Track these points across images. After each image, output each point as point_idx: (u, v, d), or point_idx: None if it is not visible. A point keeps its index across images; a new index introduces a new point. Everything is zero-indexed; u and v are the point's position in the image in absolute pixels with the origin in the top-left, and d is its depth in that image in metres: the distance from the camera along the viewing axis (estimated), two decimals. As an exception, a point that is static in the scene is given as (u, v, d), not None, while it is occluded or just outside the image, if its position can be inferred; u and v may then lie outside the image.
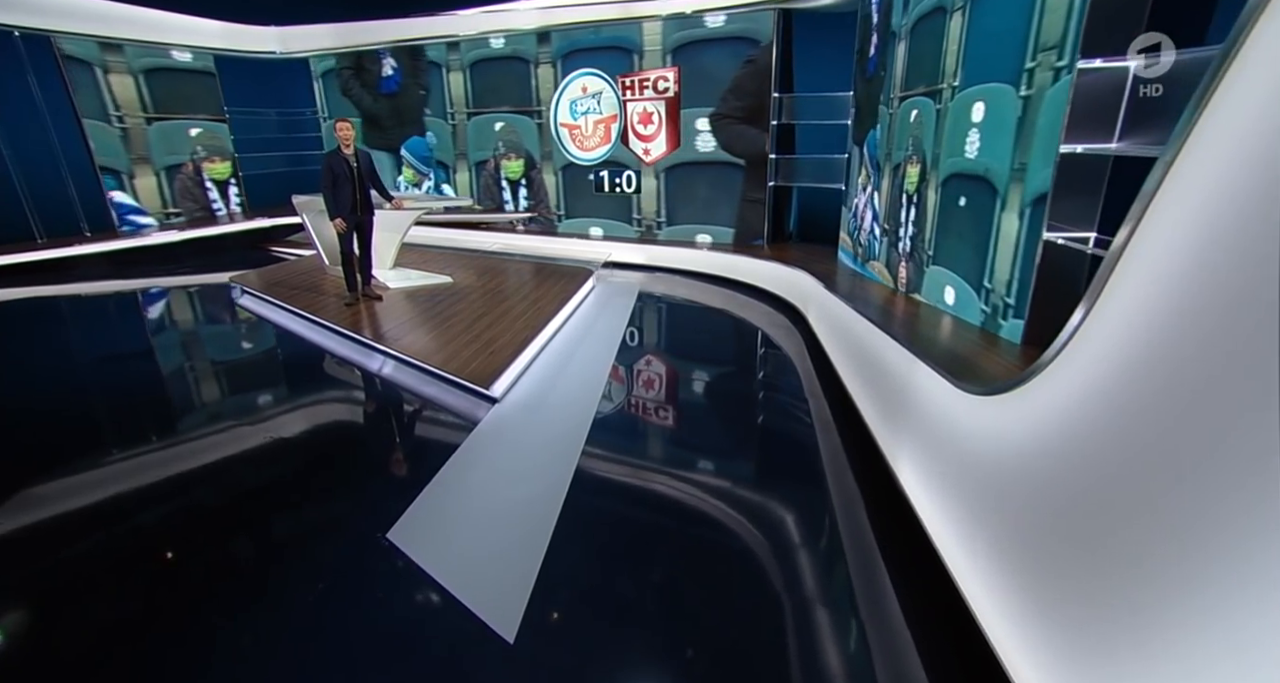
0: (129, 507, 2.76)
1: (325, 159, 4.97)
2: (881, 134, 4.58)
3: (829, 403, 3.83)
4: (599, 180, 7.85)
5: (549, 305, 5.29)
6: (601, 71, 7.37)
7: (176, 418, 3.83)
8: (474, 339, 4.42)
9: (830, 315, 4.38)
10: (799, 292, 5.54)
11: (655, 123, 7.23)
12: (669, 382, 4.44)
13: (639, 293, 6.53)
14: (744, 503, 2.78)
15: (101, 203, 8.28)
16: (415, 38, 8.20)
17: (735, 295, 6.50)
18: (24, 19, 7.13)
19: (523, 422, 3.52)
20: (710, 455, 3.31)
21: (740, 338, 5.47)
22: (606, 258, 7.43)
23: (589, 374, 4.21)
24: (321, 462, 3.20)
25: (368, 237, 5.40)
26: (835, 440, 3.38)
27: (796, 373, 4.41)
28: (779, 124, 6.80)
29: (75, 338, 5.54)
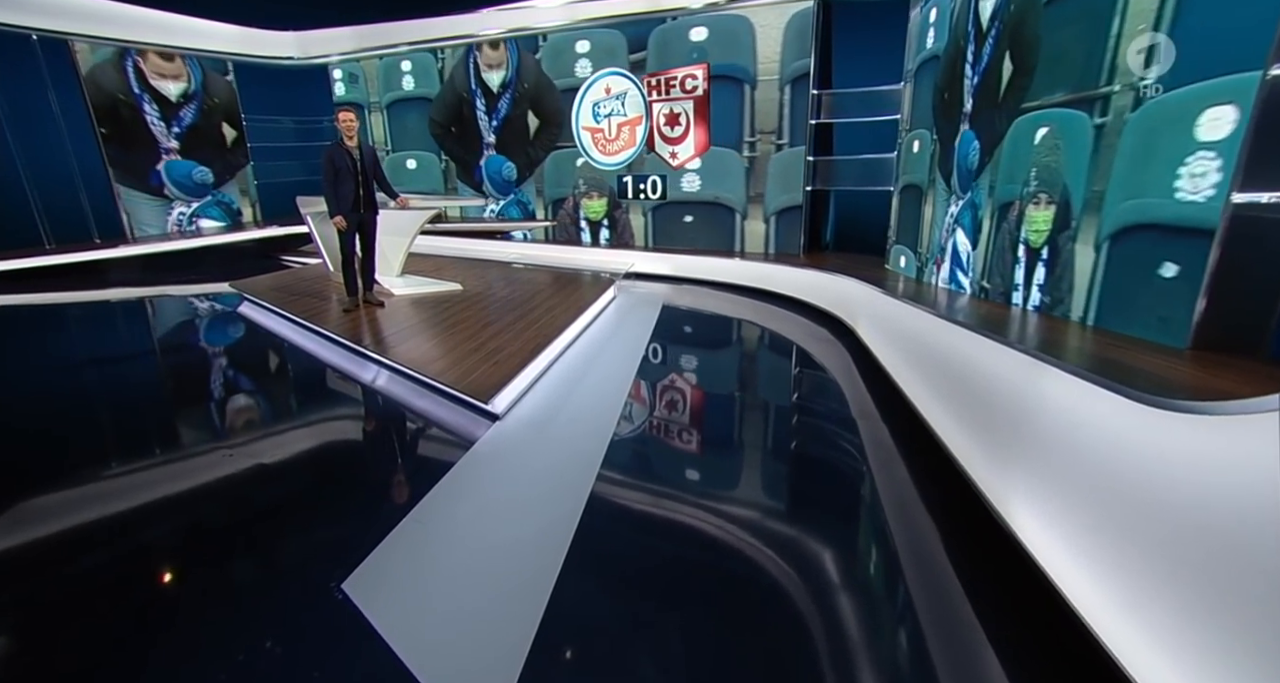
0: (44, 549, 2.28)
1: (326, 152, 4.61)
2: (972, 156, 3.64)
3: (888, 425, 3.25)
4: (621, 186, 7.42)
5: (564, 315, 4.81)
6: (627, 71, 7.00)
7: (132, 441, 3.35)
8: (477, 348, 3.94)
9: (891, 325, 3.82)
10: (844, 301, 4.97)
11: (683, 124, 6.81)
12: (697, 402, 3.89)
13: (663, 305, 6.03)
14: (798, 552, 2.20)
15: (113, 209, 8.12)
16: (437, 38, 7.96)
17: (769, 307, 5.95)
18: (42, 21, 7.06)
19: (527, 443, 3.00)
20: (750, 491, 2.74)
21: (776, 353, 4.90)
22: (629, 268, 6.96)
23: (606, 392, 3.69)
24: (282, 488, 2.71)
25: (371, 237, 5.01)
26: (898, 468, 2.80)
27: (841, 391, 3.84)
28: (817, 123, 6.32)
29: (59, 345, 5.21)
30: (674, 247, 7.31)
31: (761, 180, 6.67)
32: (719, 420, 3.65)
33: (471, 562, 2.06)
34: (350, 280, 5.11)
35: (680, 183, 7.11)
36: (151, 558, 2.18)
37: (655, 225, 7.47)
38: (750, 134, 6.61)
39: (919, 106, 4.67)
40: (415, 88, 8.60)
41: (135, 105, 8.07)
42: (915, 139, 4.69)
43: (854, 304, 4.71)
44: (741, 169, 6.75)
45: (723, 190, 6.93)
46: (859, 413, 3.48)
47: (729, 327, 5.60)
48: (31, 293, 6.69)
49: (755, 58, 6.35)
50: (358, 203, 4.75)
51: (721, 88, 6.62)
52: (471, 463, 2.80)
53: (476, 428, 3.18)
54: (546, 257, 7.81)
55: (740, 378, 4.45)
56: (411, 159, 8.98)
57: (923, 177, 4.48)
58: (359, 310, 5.07)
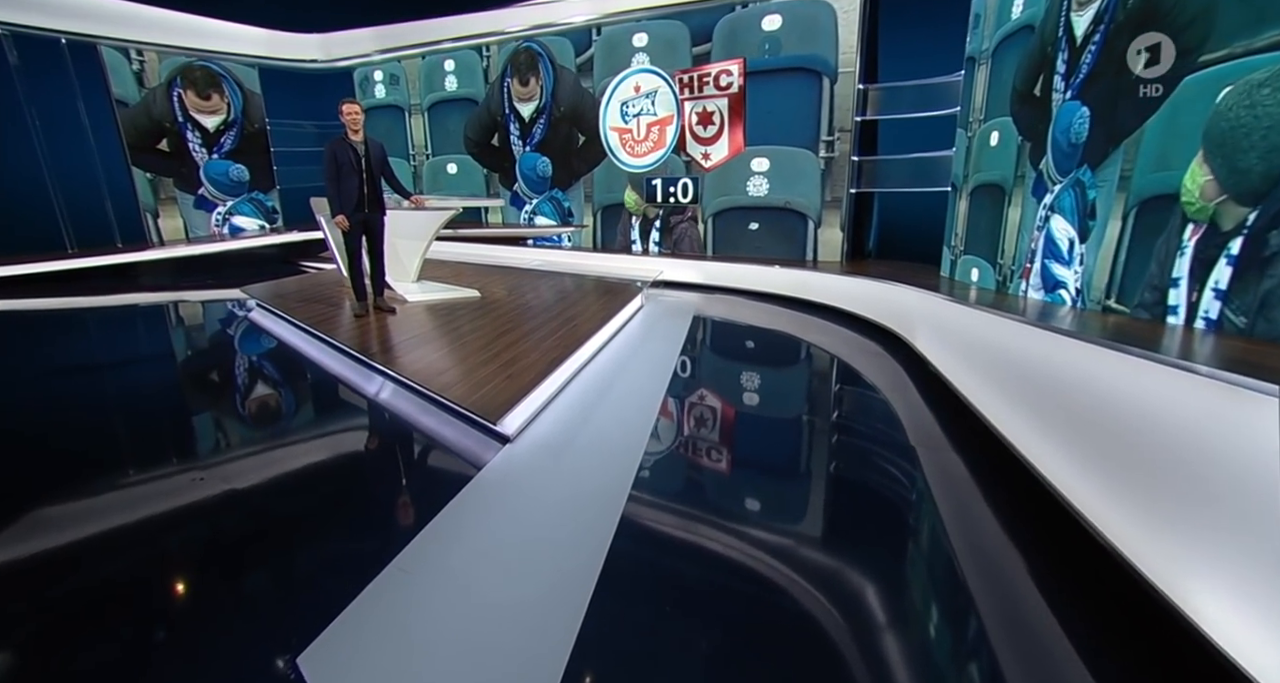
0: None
1: (328, 146, 4.33)
2: (1076, 129, 3.03)
3: (962, 454, 2.77)
4: (650, 190, 7.06)
5: (587, 325, 4.43)
6: (658, 68, 6.66)
7: (93, 458, 3.03)
8: (490, 359, 3.57)
9: (965, 340, 3.33)
10: (898, 312, 4.49)
11: (716, 123, 6.43)
12: (735, 425, 3.45)
13: (694, 315, 5.61)
14: (875, 608, 1.74)
15: (136, 214, 8.06)
16: (459, 37, 7.75)
17: (809, 318, 5.49)
18: (70, 24, 7.04)
19: (540, 472, 2.61)
20: (812, 537, 2.29)
21: (821, 369, 4.43)
22: (657, 276, 6.57)
23: (632, 412, 3.27)
24: (248, 523, 2.35)
25: (378, 239, 4.71)
26: (977, 505, 2.34)
27: (894, 413, 3.37)
28: (862, 120, 5.87)
29: (57, 352, 5.01)
30: (738, 256, 6.83)
31: (839, 183, 6.14)
32: (764, 448, 3.20)
33: (464, 627, 1.66)
34: (358, 285, 4.82)
35: (746, 187, 6.59)
36: (80, 607, 1.82)
37: (717, 233, 6.95)
38: (828, 132, 6.08)
39: (998, 92, 4.11)
40: (459, 88, 8.36)
41: (180, 133, 8.23)
42: (994, 130, 4.12)
43: (911, 315, 4.23)
44: (816, 171, 6.18)
45: (794, 195, 6.39)
46: (921, 439, 3.01)
47: (767, 340, 5.15)
48: (45, 297, 6.58)
49: (837, 47, 5.80)
50: (362, 202, 4.46)
51: (796, 80, 6.06)
52: (474, 495, 2.41)
53: (484, 451, 2.80)
54: (571, 263, 7.47)
55: (784, 398, 3.99)
56: (453, 163, 8.76)
57: (1005, 173, 3.91)
58: (369, 317, 4.77)
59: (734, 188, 6.69)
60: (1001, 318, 2.94)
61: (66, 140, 7.32)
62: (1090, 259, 2.99)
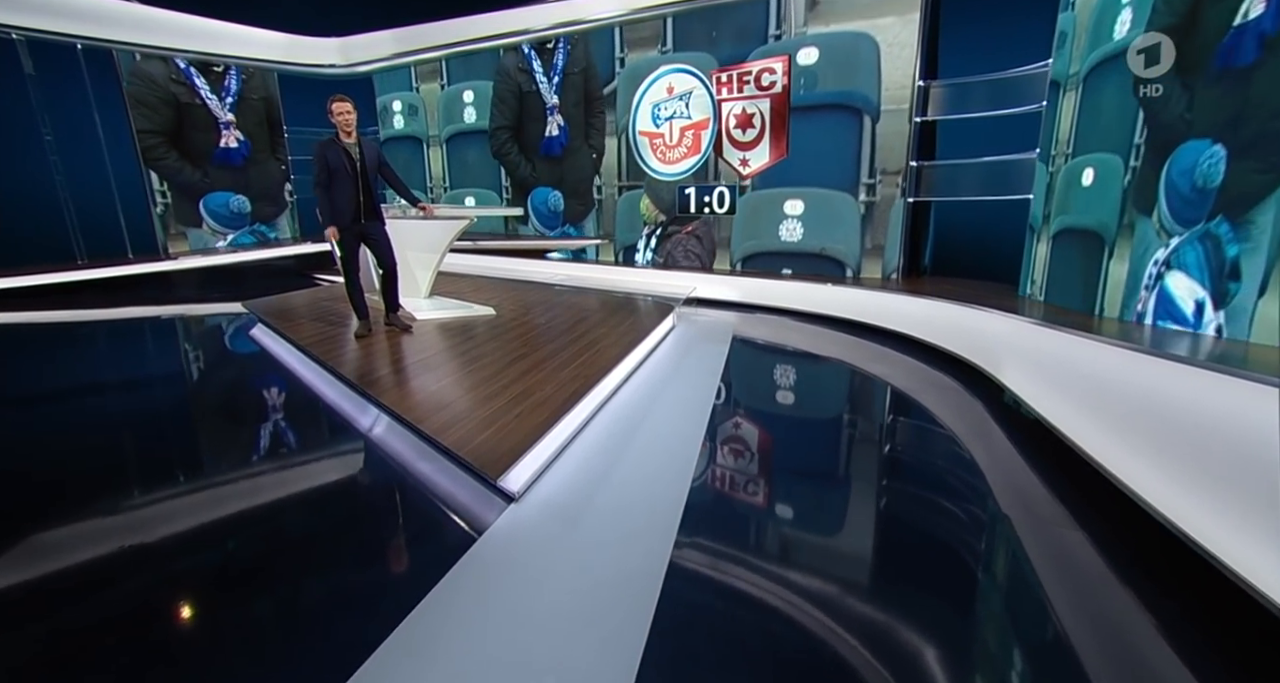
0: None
1: (316, 149, 3.95)
2: (1206, 171, 2.62)
3: (1085, 528, 2.18)
4: (683, 199, 6.58)
5: (611, 350, 3.94)
6: (694, 68, 6.22)
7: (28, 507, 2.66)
8: (499, 391, 3.10)
9: (1083, 376, 2.73)
10: (977, 339, 3.89)
11: (757, 126, 5.94)
12: (790, 482, 2.89)
13: (732, 337, 5.08)
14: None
15: (149, 225, 7.90)
16: (482, 38, 7.42)
17: (864, 343, 4.91)
18: (86, 29, 6.92)
19: (552, 543, 2.10)
20: (895, 628, 1.73)
21: (884, 407, 3.85)
22: (689, 293, 6.06)
23: (665, 460, 2.75)
24: (176, 609, 1.89)
25: (386, 251, 4.31)
26: (1114, 601, 1.75)
27: (978, 465, 2.80)
28: (922, 121, 5.32)
29: (44, 369, 4.71)
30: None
31: (881, 230, 5.64)
32: (827, 516, 2.64)
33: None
34: (358, 303, 4.42)
35: (779, 231, 6.10)
36: None
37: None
38: (870, 175, 5.60)
39: (1092, 122, 3.51)
40: (477, 120, 8.11)
41: (189, 85, 8.05)
42: (1087, 168, 3.52)
43: (995, 345, 3.63)
44: (856, 216, 5.70)
45: (831, 241, 5.89)
46: (1019, 503, 2.44)
47: (820, 369, 4.58)
48: (47, 310, 6.38)
49: (879, 83, 5.36)
50: (358, 210, 4.06)
51: (834, 118, 5.63)
52: (467, 573, 1.91)
53: (486, 510, 2.31)
54: (596, 278, 7.02)
55: (846, 447, 3.42)
56: (470, 197, 8.49)
57: (1104, 219, 3.30)
58: (372, 337, 4.36)
59: (764, 231, 6.22)
60: (1151, 357, 2.34)
61: (80, 148, 7.19)
62: (1239, 329, 2.49)
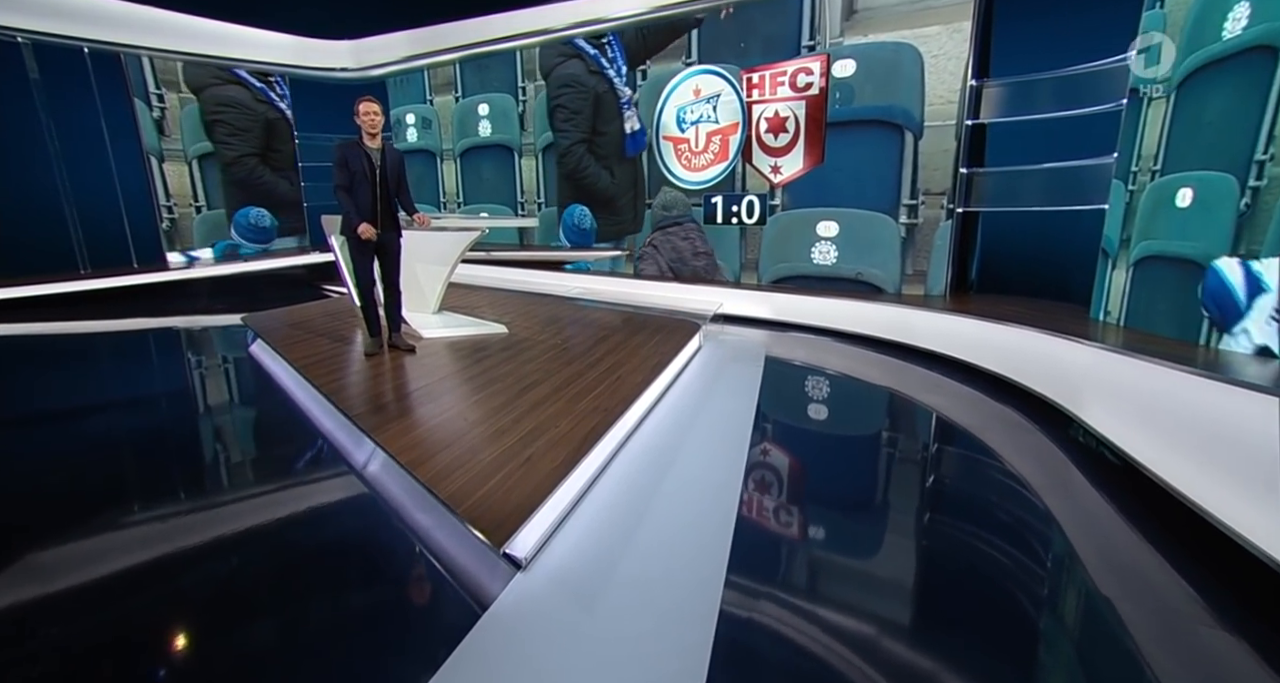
0: None
1: (338, 151, 3.69)
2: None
3: (1223, 612, 1.78)
4: (709, 209, 6.24)
5: (633, 376, 3.60)
6: (723, 70, 5.90)
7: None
8: (509, 427, 2.77)
9: (1200, 417, 2.33)
10: (1051, 370, 3.47)
11: (791, 130, 5.59)
12: (849, 543, 2.52)
13: (765, 358, 4.71)
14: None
15: (154, 234, 7.77)
16: (499, 38, 7.17)
17: (913, 369, 4.51)
18: (93, 32, 6.81)
19: (567, 627, 1.75)
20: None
21: (946, 448, 3.45)
22: (716, 309, 5.71)
23: (697, 514, 2.40)
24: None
25: (393, 265, 4.03)
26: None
27: (1059, 522, 2.41)
28: (974, 124, 4.93)
29: (26, 387, 4.49)
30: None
31: (924, 255, 5.30)
32: (901, 580, 2.26)
33: None
34: (371, 317, 4.15)
35: (811, 254, 5.77)
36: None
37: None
38: (911, 195, 5.26)
39: (1187, 135, 3.13)
40: (492, 133, 7.89)
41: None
42: (1183, 187, 3.12)
43: (1075, 378, 3.22)
44: (895, 239, 5.37)
45: (868, 265, 5.57)
46: (1102, 568, 2.05)
47: (868, 399, 4.19)
48: (45, 321, 6.21)
49: (923, 97, 5.04)
50: (374, 219, 3.79)
51: (871, 135, 5.31)
52: (466, 663, 1.58)
53: (489, 578, 1.98)
54: (615, 292, 6.70)
55: (912, 493, 3.03)
56: (485, 211, 8.22)
57: (1206, 249, 2.89)
58: (383, 355, 4.08)
59: (796, 254, 5.89)
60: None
61: (85, 155, 7.07)
62: None
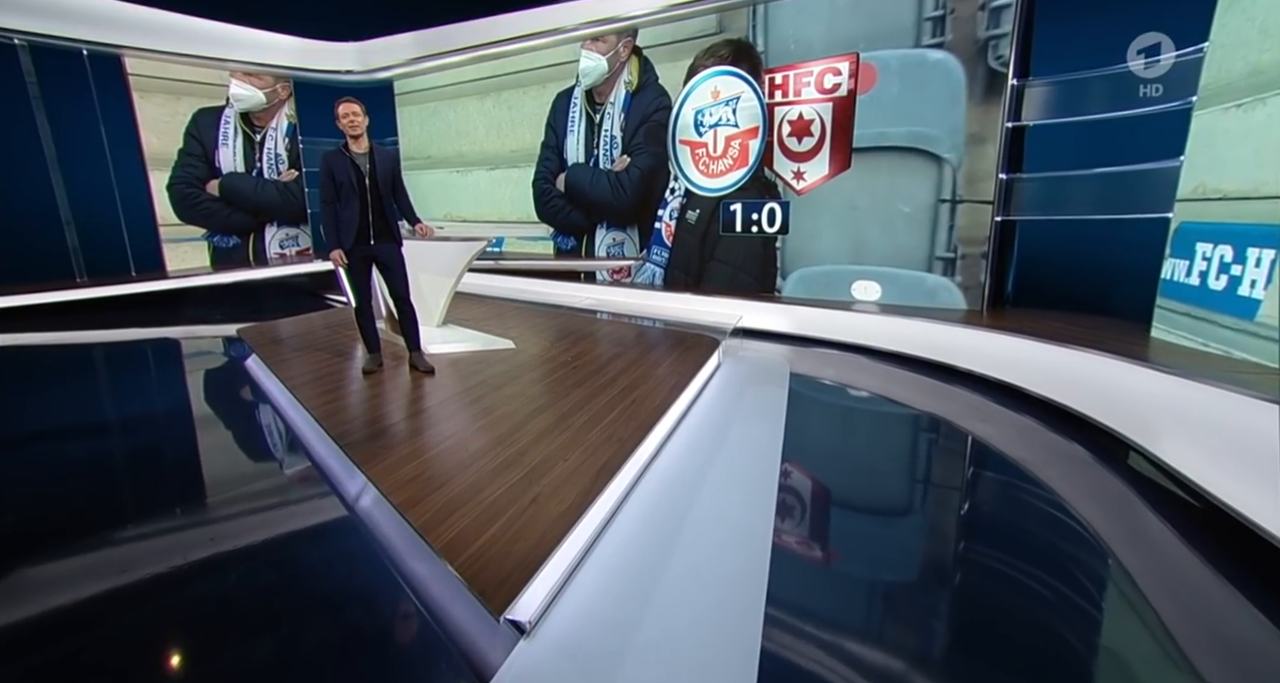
0: None
1: (323, 160, 3.48)
2: None
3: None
4: (728, 217, 6.00)
5: (650, 399, 3.35)
6: (742, 71, 5.68)
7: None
8: (513, 460, 2.53)
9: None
10: (1115, 397, 3.17)
11: (816, 134, 5.35)
12: (900, 602, 2.25)
13: (789, 379, 4.45)
14: None
15: (154, 241, 7.65)
16: (509, 38, 6.99)
17: (954, 391, 4.22)
18: (92, 33, 6.71)
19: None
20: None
21: (994, 481, 3.17)
22: (735, 323, 5.46)
23: (726, 567, 2.14)
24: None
25: (399, 278, 3.82)
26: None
27: (1131, 575, 2.13)
28: (1014, 126, 4.66)
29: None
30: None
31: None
32: (962, 649, 1.99)
33: None
34: (368, 334, 3.94)
35: (849, 289, 5.51)
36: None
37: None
38: (947, 247, 4.96)
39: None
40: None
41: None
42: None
43: (1146, 408, 2.92)
44: (926, 293, 5.12)
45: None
46: (1232, 648, 1.77)
47: (908, 427, 3.91)
48: (37, 332, 6.08)
49: (962, 121, 4.72)
50: (366, 230, 3.58)
51: (902, 161, 5.01)
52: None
53: (489, 645, 1.75)
54: (628, 304, 6.47)
55: (967, 539, 2.75)
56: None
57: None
58: (380, 373, 3.87)
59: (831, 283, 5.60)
60: None
61: (83, 159, 6.97)
62: None
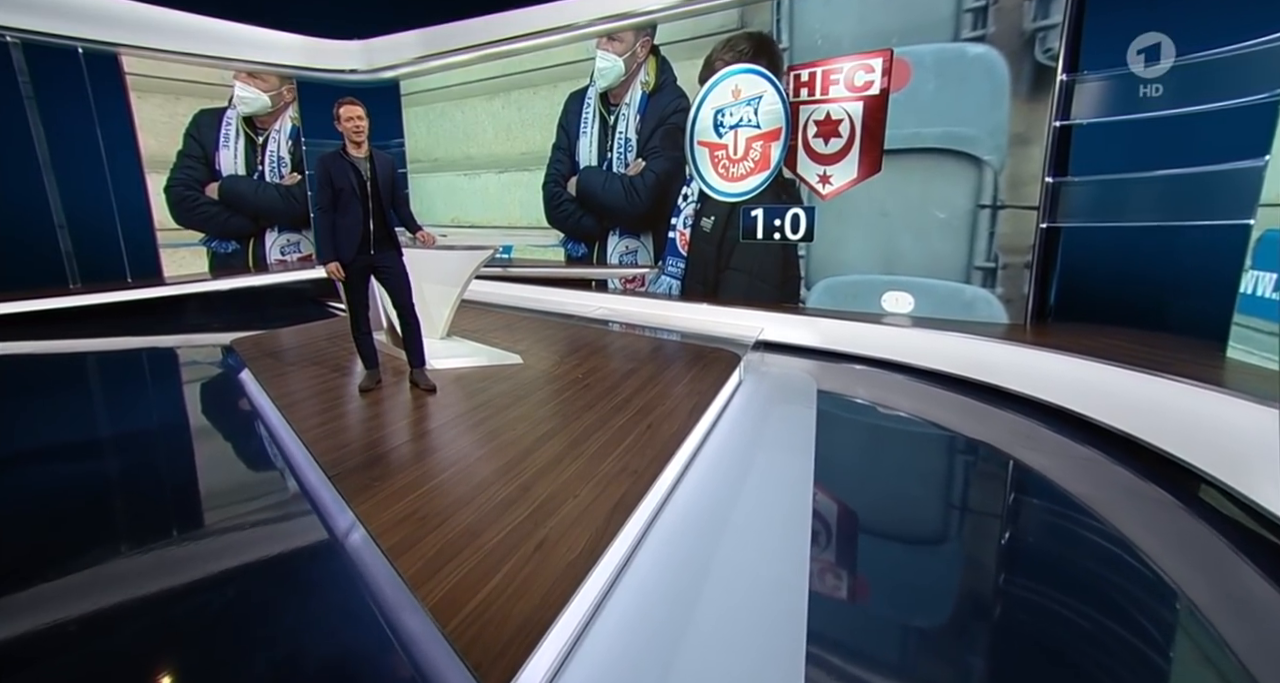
0: None
1: (320, 164, 3.31)
2: None
3: None
4: (749, 224, 5.77)
5: (668, 422, 3.12)
6: (765, 69, 5.45)
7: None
8: (518, 497, 2.30)
9: None
10: (1201, 433, 2.86)
11: (844, 135, 5.10)
12: (958, 655, 1.98)
13: (816, 397, 4.19)
14: None
15: (152, 246, 7.54)
16: (519, 36, 6.80)
17: (996, 413, 3.94)
18: (90, 31, 6.62)
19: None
20: None
21: (1058, 523, 2.89)
22: (757, 336, 5.21)
23: (752, 621, 1.89)
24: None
25: (402, 290, 3.63)
26: None
27: (1224, 645, 1.85)
28: (1062, 125, 4.39)
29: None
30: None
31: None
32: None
33: None
34: (365, 349, 3.75)
35: (879, 300, 5.22)
36: None
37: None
38: (987, 256, 4.64)
39: None
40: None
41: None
42: None
43: (1237, 442, 2.64)
44: (963, 305, 4.82)
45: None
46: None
47: (953, 456, 3.63)
48: (21, 340, 5.94)
49: (1005, 120, 4.44)
50: (368, 238, 3.40)
51: (937, 164, 4.73)
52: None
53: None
54: (642, 314, 6.24)
55: (1032, 590, 2.48)
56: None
57: None
58: (378, 391, 3.66)
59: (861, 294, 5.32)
60: None
61: (77, 161, 6.86)
62: None
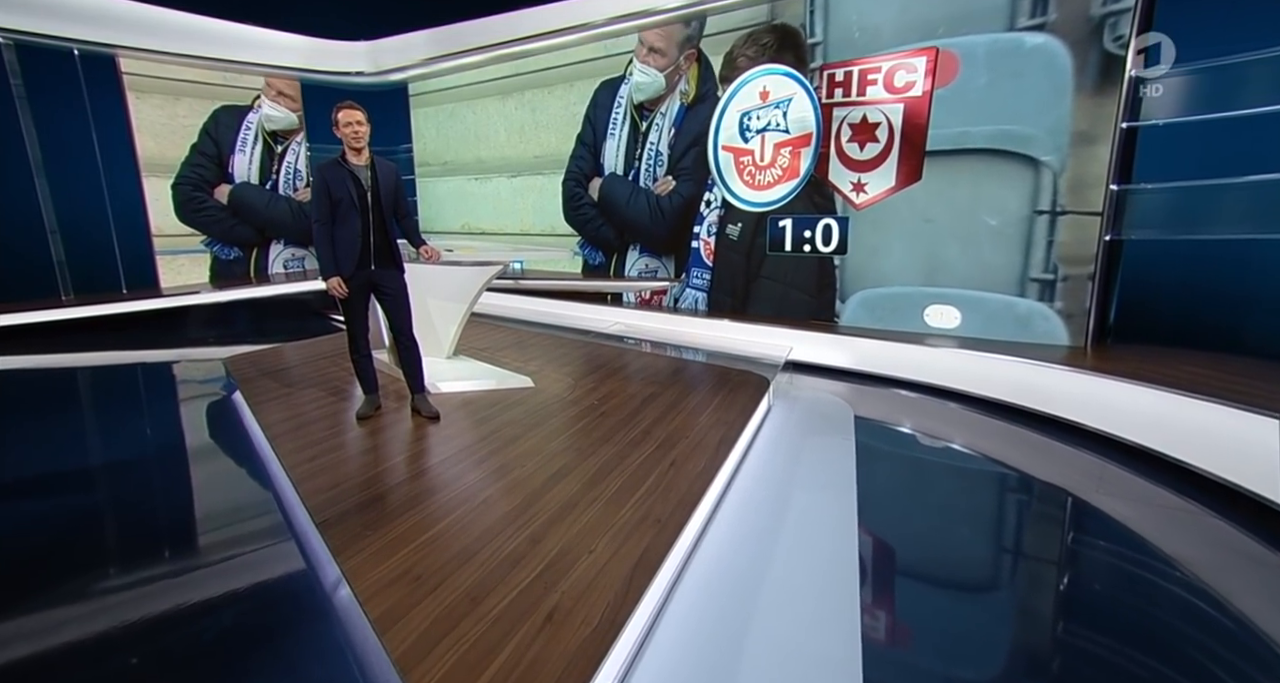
0: None
1: (317, 173, 3.16)
2: None
3: None
4: (777, 235, 5.52)
5: (693, 459, 2.87)
6: (793, 69, 5.23)
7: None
8: (525, 553, 2.06)
9: None
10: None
11: (882, 140, 4.85)
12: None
13: (853, 426, 3.92)
14: None
15: (148, 256, 7.44)
16: (530, 36, 6.64)
17: (1058, 448, 3.65)
18: (85, 31, 6.55)
19: None
20: None
21: (1153, 591, 2.59)
22: (785, 356, 4.95)
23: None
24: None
25: (401, 310, 3.43)
26: None
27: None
28: (1129, 127, 4.11)
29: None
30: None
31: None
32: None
33: None
34: (364, 372, 3.54)
35: (921, 315, 4.94)
36: None
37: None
38: (1045, 267, 4.38)
39: None
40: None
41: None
42: None
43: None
44: (1016, 320, 4.56)
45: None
46: None
47: (1014, 501, 3.34)
48: (7, 355, 5.82)
49: (1067, 117, 4.17)
50: (367, 253, 3.22)
51: (988, 166, 4.49)
52: None
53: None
54: (661, 331, 6.01)
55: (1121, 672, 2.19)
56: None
57: None
58: (378, 418, 3.46)
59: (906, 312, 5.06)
60: None
61: (71, 166, 6.77)
62: None
